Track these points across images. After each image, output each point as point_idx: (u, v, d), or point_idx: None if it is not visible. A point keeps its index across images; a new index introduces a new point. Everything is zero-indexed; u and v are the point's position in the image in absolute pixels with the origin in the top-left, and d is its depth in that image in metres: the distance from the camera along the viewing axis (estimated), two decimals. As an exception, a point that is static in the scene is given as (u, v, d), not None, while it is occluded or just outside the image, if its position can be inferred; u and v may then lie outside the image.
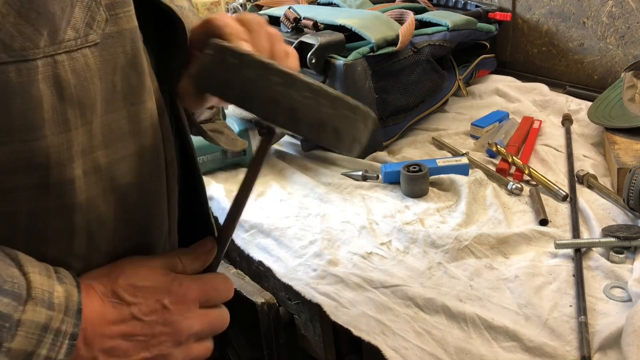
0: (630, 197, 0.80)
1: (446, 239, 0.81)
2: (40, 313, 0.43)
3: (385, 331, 0.69)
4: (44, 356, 0.43)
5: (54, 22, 0.43)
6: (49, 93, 0.43)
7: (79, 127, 0.46)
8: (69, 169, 0.46)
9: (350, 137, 0.51)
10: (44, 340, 0.43)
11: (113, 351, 0.48)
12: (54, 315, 0.44)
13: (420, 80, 1.11)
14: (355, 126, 0.52)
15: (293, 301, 0.84)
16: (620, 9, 1.21)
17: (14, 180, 0.44)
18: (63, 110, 0.45)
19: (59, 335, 0.44)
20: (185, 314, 0.51)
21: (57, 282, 0.45)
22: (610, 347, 0.63)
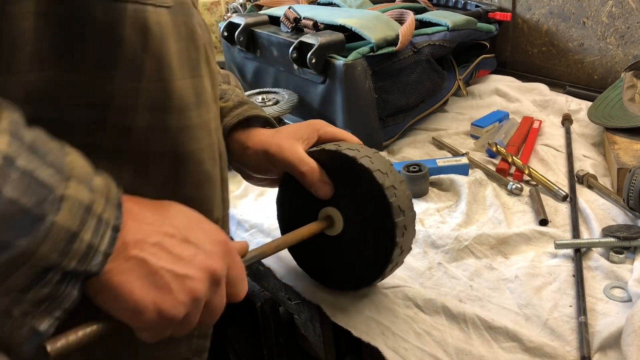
0: (630, 197, 0.80)
1: (446, 239, 0.81)
2: (83, 192, 0.41)
3: (385, 332, 0.69)
4: (87, 241, 0.40)
5: None
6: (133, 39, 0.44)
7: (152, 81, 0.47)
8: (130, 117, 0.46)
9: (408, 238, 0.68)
10: (87, 223, 0.41)
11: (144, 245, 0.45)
12: (95, 198, 0.42)
13: (420, 80, 1.11)
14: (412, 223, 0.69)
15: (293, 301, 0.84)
16: (620, 9, 1.21)
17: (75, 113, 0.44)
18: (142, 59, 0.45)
19: (101, 223, 0.41)
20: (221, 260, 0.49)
21: (95, 173, 0.43)
22: (610, 347, 0.63)
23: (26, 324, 0.40)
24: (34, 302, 0.39)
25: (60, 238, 0.39)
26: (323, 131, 0.71)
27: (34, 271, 0.39)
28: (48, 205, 0.38)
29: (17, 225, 0.37)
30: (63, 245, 0.39)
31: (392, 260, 0.66)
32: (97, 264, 0.41)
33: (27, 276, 0.39)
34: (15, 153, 0.37)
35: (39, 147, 0.39)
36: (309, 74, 1.04)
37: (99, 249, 0.41)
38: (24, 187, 0.37)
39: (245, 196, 1.00)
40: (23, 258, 0.38)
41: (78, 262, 0.40)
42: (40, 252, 0.38)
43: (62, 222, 0.39)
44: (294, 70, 1.07)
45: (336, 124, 1.04)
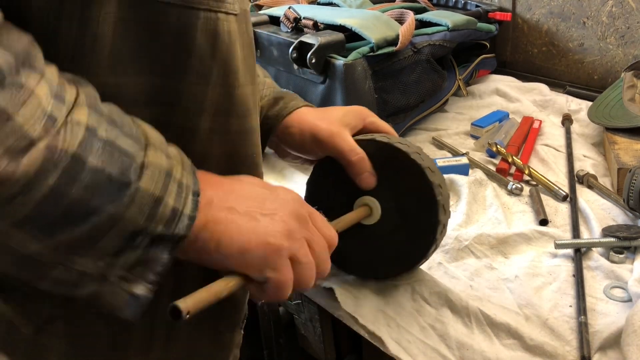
0: (630, 197, 0.80)
1: (446, 239, 0.81)
2: (162, 159, 0.43)
3: (390, 323, 0.69)
4: (171, 206, 0.42)
5: None
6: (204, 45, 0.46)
7: (218, 86, 0.48)
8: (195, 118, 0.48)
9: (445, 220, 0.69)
10: (169, 188, 0.42)
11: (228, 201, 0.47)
12: (174, 164, 0.43)
13: (420, 80, 1.11)
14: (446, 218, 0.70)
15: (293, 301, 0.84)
16: (620, 9, 1.21)
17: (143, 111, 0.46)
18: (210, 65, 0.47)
19: (182, 187, 0.43)
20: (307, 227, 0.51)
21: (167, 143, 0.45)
22: (610, 347, 0.63)
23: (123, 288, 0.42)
24: (126, 266, 0.41)
25: (145, 203, 0.41)
26: (369, 120, 0.72)
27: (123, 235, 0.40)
28: (131, 172, 0.40)
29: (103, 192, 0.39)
30: (148, 209, 0.41)
31: (427, 256, 0.69)
32: (184, 227, 0.43)
33: (117, 240, 0.40)
34: (96, 124, 0.39)
35: (115, 119, 0.41)
36: (309, 74, 1.04)
37: (184, 212, 0.43)
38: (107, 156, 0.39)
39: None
40: (111, 222, 0.39)
41: (164, 225, 0.42)
42: (127, 216, 0.40)
43: (145, 187, 0.41)
44: (294, 70, 1.06)
45: (336, 124, 1.05)
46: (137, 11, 0.43)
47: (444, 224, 0.68)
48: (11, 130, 0.35)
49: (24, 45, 0.37)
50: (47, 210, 0.38)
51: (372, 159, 0.67)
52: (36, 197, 0.37)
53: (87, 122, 0.39)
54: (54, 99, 0.38)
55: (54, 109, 0.37)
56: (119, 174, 0.39)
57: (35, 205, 0.37)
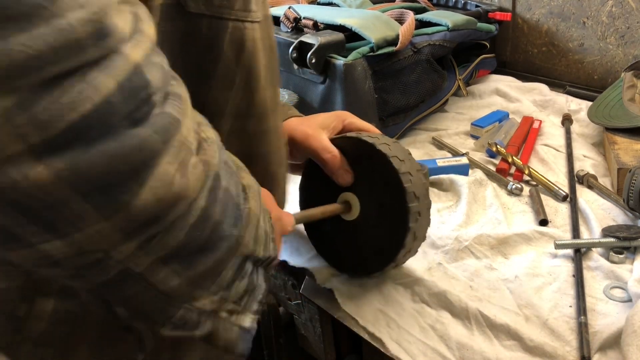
0: (630, 197, 0.80)
1: (446, 240, 0.81)
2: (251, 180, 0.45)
3: (391, 324, 0.70)
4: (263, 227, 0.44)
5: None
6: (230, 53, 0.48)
7: (240, 90, 0.50)
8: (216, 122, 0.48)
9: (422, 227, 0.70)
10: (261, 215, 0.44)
11: None
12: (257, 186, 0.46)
13: (420, 80, 1.11)
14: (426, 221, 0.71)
15: (293, 301, 0.84)
16: (620, 8, 1.21)
17: None
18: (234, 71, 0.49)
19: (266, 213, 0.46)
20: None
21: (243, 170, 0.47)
22: (610, 347, 0.63)
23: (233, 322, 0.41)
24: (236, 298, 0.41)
25: (252, 224, 0.41)
26: (348, 121, 0.74)
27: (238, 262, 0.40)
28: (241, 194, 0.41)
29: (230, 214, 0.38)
30: (254, 231, 0.41)
31: (405, 246, 0.68)
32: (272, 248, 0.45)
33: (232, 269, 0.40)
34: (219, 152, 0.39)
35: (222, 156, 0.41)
36: (309, 74, 1.04)
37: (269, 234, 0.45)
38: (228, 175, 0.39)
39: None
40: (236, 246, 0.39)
41: (264, 248, 0.43)
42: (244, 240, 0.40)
43: (253, 208, 0.42)
44: (294, 70, 1.06)
45: (336, 124, 1.05)
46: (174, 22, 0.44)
47: (419, 211, 0.67)
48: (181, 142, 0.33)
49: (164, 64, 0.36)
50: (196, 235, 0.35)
51: (347, 156, 0.69)
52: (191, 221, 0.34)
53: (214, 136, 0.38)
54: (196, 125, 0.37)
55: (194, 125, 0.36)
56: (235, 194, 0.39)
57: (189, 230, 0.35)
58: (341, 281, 0.75)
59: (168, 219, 0.33)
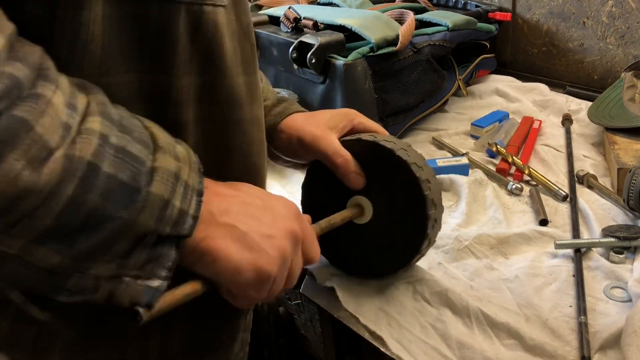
0: (630, 197, 0.80)
1: (446, 239, 0.81)
2: (170, 162, 0.44)
3: (392, 323, 0.69)
4: (178, 207, 0.43)
5: None
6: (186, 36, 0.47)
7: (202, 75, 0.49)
8: (185, 111, 0.49)
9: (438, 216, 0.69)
10: (177, 190, 0.43)
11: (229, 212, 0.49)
12: (181, 166, 0.45)
13: (420, 80, 1.11)
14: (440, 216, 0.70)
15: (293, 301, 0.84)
16: (620, 9, 1.21)
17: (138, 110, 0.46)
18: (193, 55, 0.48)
19: (188, 189, 0.44)
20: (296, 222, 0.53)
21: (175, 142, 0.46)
22: (610, 347, 0.63)
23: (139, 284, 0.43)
24: (137, 265, 0.43)
25: (155, 206, 0.42)
26: (357, 121, 0.72)
27: (134, 238, 0.41)
28: (142, 177, 0.41)
29: (117, 199, 0.40)
30: (158, 212, 0.42)
31: (421, 251, 0.68)
32: (188, 227, 0.44)
33: (129, 243, 0.41)
34: (108, 131, 0.40)
35: (126, 124, 0.42)
36: (309, 74, 1.04)
37: (188, 212, 0.44)
38: (119, 162, 0.40)
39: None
40: (125, 227, 0.40)
41: (172, 227, 0.43)
42: (139, 220, 0.41)
43: (156, 191, 0.42)
44: (294, 70, 1.06)
45: (336, 124, 1.05)
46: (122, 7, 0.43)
47: (435, 218, 0.67)
48: (32, 140, 0.35)
49: (37, 57, 0.38)
50: (67, 220, 0.38)
51: (359, 159, 0.67)
52: (57, 208, 0.37)
53: (100, 129, 0.39)
54: (68, 108, 0.38)
55: (69, 118, 0.38)
56: (130, 179, 0.40)
57: (56, 216, 0.37)
58: (342, 280, 0.75)
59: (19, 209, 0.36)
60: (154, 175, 0.42)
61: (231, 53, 0.51)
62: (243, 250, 0.48)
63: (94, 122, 0.39)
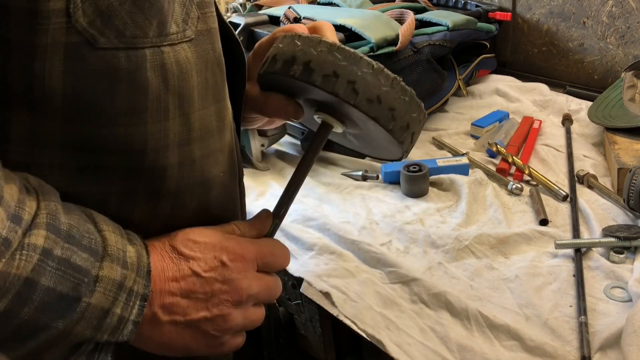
0: (631, 197, 0.80)
1: (446, 239, 0.81)
2: (116, 271, 0.43)
3: (390, 326, 0.69)
4: (118, 315, 0.43)
5: (162, 14, 0.45)
6: (155, 81, 0.45)
7: (176, 118, 0.48)
8: (162, 157, 0.48)
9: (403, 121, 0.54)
10: (119, 299, 0.43)
11: (172, 308, 0.48)
12: (127, 274, 0.44)
13: (420, 80, 1.11)
14: (410, 110, 0.55)
15: (293, 301, 0.84)
16: (621, 8, 1.21)
17: (110, 161, 0.46)
18: (165, 99, 0.47)
19: (132, 295, 0.44)
20: (244, 273, 0.51)
21: (128, 243, 0.46)
22: (610, 347, 0.63)
23: None
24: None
25: (94, 316, 0.42)
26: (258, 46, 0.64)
27: (69, 346, 0.42)
28: (84, 287, 0.41)
29: (54, 309, 0.40)
30: (96, 322, 0.42)
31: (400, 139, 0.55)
32: (128, 332, 0.44)
33: (63, 351, 0.42)
34: (53, 245, 0.40)
35: (74, 234, 0.42)
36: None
37: (129, 318, 0.44)
38: (60, 275, 0.40)
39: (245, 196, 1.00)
40: (59, 337, 0.41)
41: (110, 334, 0.43)
42: (75, 330, 0.41)
43: (96, 302, 0.42)
44: (294, 70, 1.06)
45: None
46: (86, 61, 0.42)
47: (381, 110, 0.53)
48: None
49: None
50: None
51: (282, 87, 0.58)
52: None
53: (43, 244, 0.39)
54: (11, 221, 0.38)
55: (10, 232, 0.37)
56: (70, 290, 0.40)
57: None
58: (338, 284, 0.75)
59: None
60: (97, 285, 0.42)
61: (202, 86, 0.50)
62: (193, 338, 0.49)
63: (38, 236, 0.39)
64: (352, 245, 0.83)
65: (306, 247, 0.84)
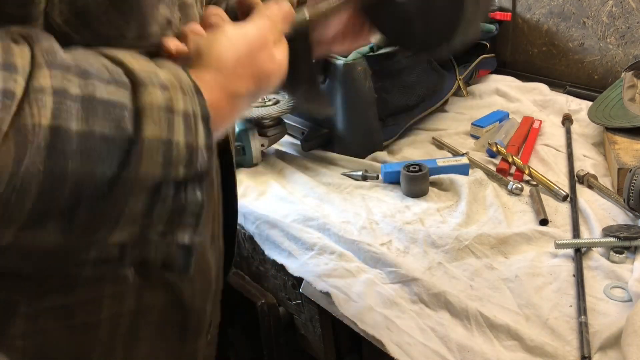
0: (631, 197, 0.80)
1: (446, 239, 0.81)
2: (156, 94, 0.38)
3: (390, 326, 0.69)
4: (184, 143, 0.38)
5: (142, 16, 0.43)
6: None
7: None
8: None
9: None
10: (175, 124, 0.38)
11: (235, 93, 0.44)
12: (171, 95, 0.39)
13: (420, 80, 1.11)
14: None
15: (293, 301, 0.84)
16: (621, 8, 1.21)
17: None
18: None
19: (189, 118, 0.39)
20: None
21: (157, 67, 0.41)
22: (610, 347, 0.63)
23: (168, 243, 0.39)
24: (162, 220, 0.38)
25: (155, 152, 0.37)
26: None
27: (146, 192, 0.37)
28: (127, 123, 0.36)
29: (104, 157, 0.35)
30: (161, 157, 0.37)
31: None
32: (204, 161, 0.39)
33: (142, 200, 0.37)
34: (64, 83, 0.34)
35: (87, 68, 0.36)
36: (309, 74, 1.04)
37: (199, 144, 0.39)
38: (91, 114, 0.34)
39: (245, 196, 1.00)
40: (127, 185, 0.36)
41: (184, 166, 0.38)
42: (141, 173, 0.36)
43: (149, 135, 0.36)
44: (294, 70, 1.06)
45: (336, 123, 1.05)
46: None
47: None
48: None
49: None
50: (51, 197, 0.33)
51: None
52: (32, 189, 0.33)
53: (52, 84, 0.34)
54: (3, 70, 0.32)
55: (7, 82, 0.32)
56: (113, 130, 0.35)
57: (36, 198, 0.33)
58: (338, 284, 0.75)
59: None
60: (142, 116, 0.36)
61: None
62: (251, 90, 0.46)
63: (43, 77, 0.33)
64: (352, 245, 0.83)
65: (306, 247, 0.84)
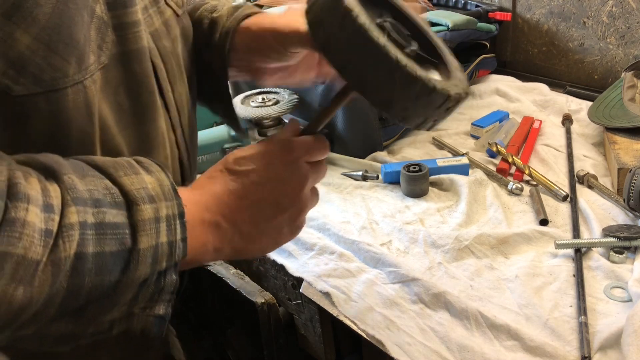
0: (631, 197, 0.80)
1: (446, 239, 0.81)
2: (147, 210, 0.45)
3: (390, 327, 0.69)
4: (166, 242, 0.45)
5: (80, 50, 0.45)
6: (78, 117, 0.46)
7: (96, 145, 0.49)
8: None
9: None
10: (161, 230, 0.45)
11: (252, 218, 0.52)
12: (157, 206, 0.45)
13: (420, 80, 1.10)
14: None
15: (293, 301, 0.84)
16: (621, 8, 1.21)
17: None
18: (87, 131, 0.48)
19: (170, 220, 0.46)
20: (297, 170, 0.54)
21: (145, 174, 0.47)
22: (610, 347, 0.63)
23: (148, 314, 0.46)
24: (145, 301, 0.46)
25: (147, 256, 0.44)
26: None
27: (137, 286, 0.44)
28: (128, 239, 0.43)
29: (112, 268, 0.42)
30: (151, 259, 0.44)
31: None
32: (181, 251, 0.46)
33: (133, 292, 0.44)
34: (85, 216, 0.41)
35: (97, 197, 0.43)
36: (309, 74, 1.04)
37: (176, 239, 0.46)
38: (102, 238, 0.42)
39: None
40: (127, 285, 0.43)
41: (167, 261, 0.45)
42: (137, 274, 0.43)
43: (143, 245, 0.44)
44: (294, 70, 1.06)
45: (336, 124, 1.04)
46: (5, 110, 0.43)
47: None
48: (17, 264, 0.37)
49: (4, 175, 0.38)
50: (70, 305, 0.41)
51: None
52: (57, 301, 0.40)
53: (78, 219, 0.40)
54: (44, 212, 0.39)
55: (48, 223, 0.39)
56: (118, 246, 0.42)
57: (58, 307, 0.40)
58: (338, 284, 0.75)
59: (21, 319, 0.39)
60: (137, 231, 0.43)
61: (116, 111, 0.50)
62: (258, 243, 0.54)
63: (71, 215, 0.40)
64: (352, 245, 0.83)
65: (306, 247, 0.84)
